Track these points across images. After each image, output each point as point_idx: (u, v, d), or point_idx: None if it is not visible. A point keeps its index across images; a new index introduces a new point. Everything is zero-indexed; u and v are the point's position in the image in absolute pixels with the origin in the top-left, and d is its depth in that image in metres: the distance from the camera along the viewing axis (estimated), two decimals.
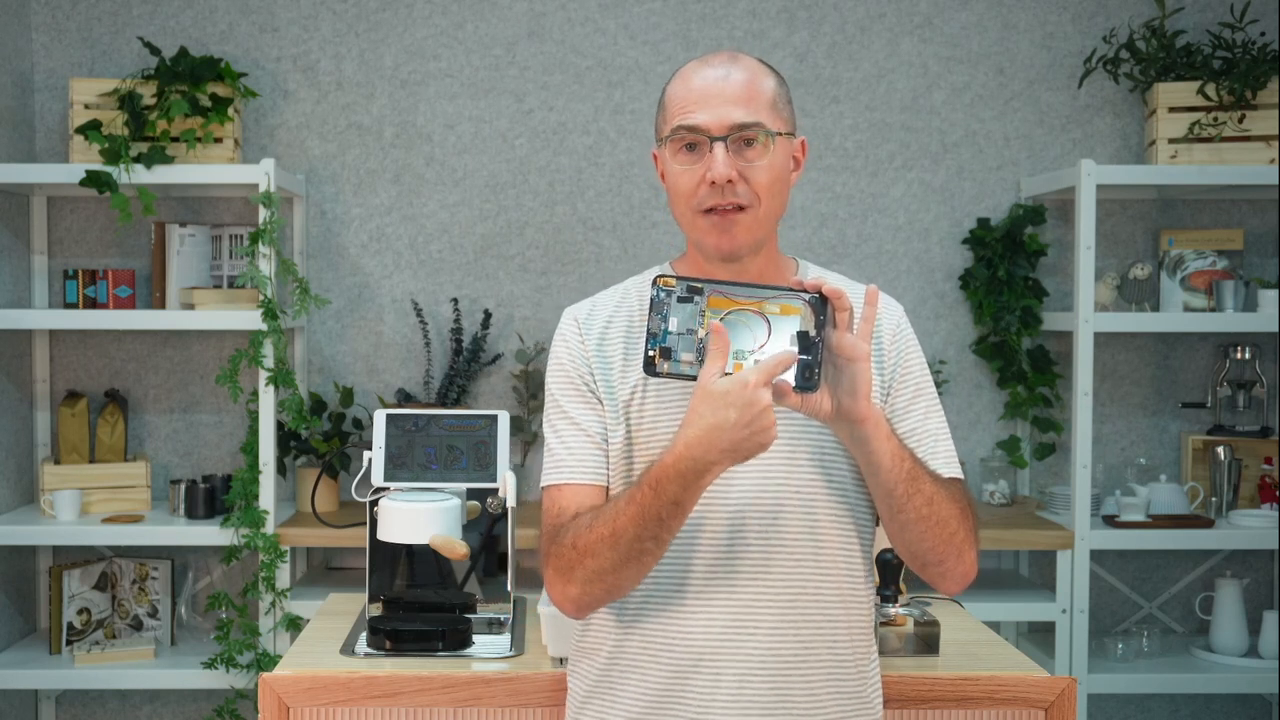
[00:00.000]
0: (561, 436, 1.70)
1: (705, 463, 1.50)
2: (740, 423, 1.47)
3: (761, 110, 1.63)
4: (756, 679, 1.62)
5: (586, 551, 1.59)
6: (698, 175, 1.63)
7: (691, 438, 1.49)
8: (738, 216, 1.63)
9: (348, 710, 2.03)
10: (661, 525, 1.54)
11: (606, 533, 1.57)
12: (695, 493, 1.52)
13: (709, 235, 1.65)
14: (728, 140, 1.61)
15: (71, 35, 3.64)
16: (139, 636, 3.48)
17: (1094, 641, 3.49)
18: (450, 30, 3.68)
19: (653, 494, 1.53)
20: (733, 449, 1.49)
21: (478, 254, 3.69)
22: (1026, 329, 3.58)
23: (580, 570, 1.60)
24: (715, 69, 1.65)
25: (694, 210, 1.64)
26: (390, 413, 2.31)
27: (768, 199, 1.64)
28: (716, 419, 1.47)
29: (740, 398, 1.46)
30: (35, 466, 3.59)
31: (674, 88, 1.68)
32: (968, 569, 1.68)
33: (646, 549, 1.56)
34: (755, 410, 1.46)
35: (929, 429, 1.71)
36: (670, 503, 1.52)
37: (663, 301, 1.54)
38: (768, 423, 1.47)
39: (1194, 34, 3.62)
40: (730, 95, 1.62)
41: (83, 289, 3.43)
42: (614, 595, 1.63)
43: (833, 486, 1.66)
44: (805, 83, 3.67)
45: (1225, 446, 3.53)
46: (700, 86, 1.64)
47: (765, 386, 1.47)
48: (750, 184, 1.62)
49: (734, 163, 1.61)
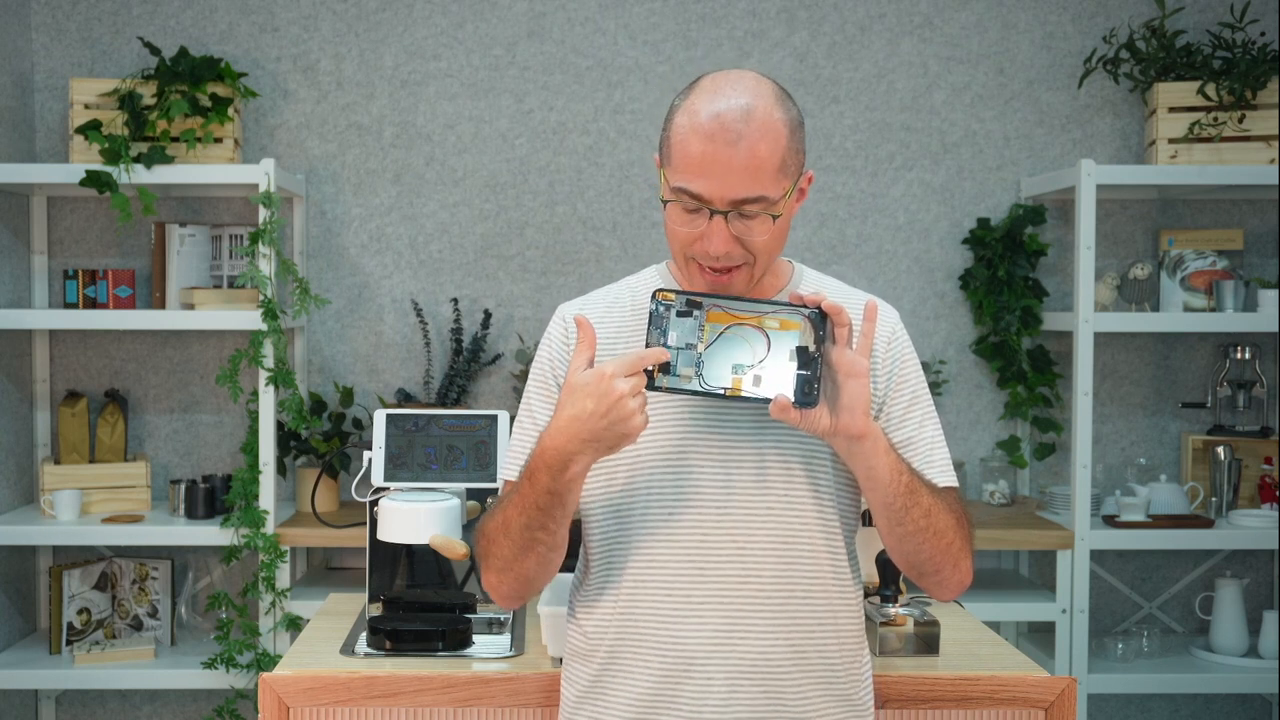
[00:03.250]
0: (522, 433, 1.73)
1: (568, 453, 1.53)
2: (597, 413, 1.50)
3: (766, 181, 1.55)
4: (747, 683, 1.62)
5: (490, 540, 1.66)
6: (694, 234, 1.60)
7: (555, 429, 1.54)
8: (732, 274, 1.61)
9: (348, 710, 2.03)
10: (544, 514, 1.58)
11: (500, 522, 1.64)
12: (565, 483, 1.56)
13: (699, 279, 1.63)
14: (728, 215, 1.57)
15: (71, 35, 3.64)
16: (139, 636, 3.48)
17: (1094, 641, 3.49)
18: (450, 30, 3.68)
19: (529, 484, 1.58)
20: (594, 439, 1.52)
21: (478, 254, 3.69)
22: (1026, 329, 3.58)
23: (491, 559, 1.67)
24: (726, 128, 1.54)
25: (687, 258, 1.63)
26: (390, 413, 2.31)
27: (765, 257, 1.62)
28: (575, 409, 1.52)
29: (597, 388, 1.50)
30: (35, 466, 3.59)
31: (682, 127, 1.58)
32: (963, 577, 1.69)
33: (536, 538, 1.61)
34: (610, 400, 1.49)
35: (924, 437, 1.70)
36: (544, 492, 1.57)
37: (662, 316, 1.54)
38: (625, 413, 1.50)
39: (1194, 34, 3.62)
40: (736, 166, 1.54)
41: (83, 289, 3.43)
42: (529, 586, 1.68)
43: (819, 489, 1.66)
44: (805, 83, 3.67)
45: (1225, 446, 3.53)
46: (708, 152, 1.54)
47: (624, 378, 1.50)
48: (747, 247, 1.59)
49: (734, 228, 1.57)
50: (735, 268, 1.61)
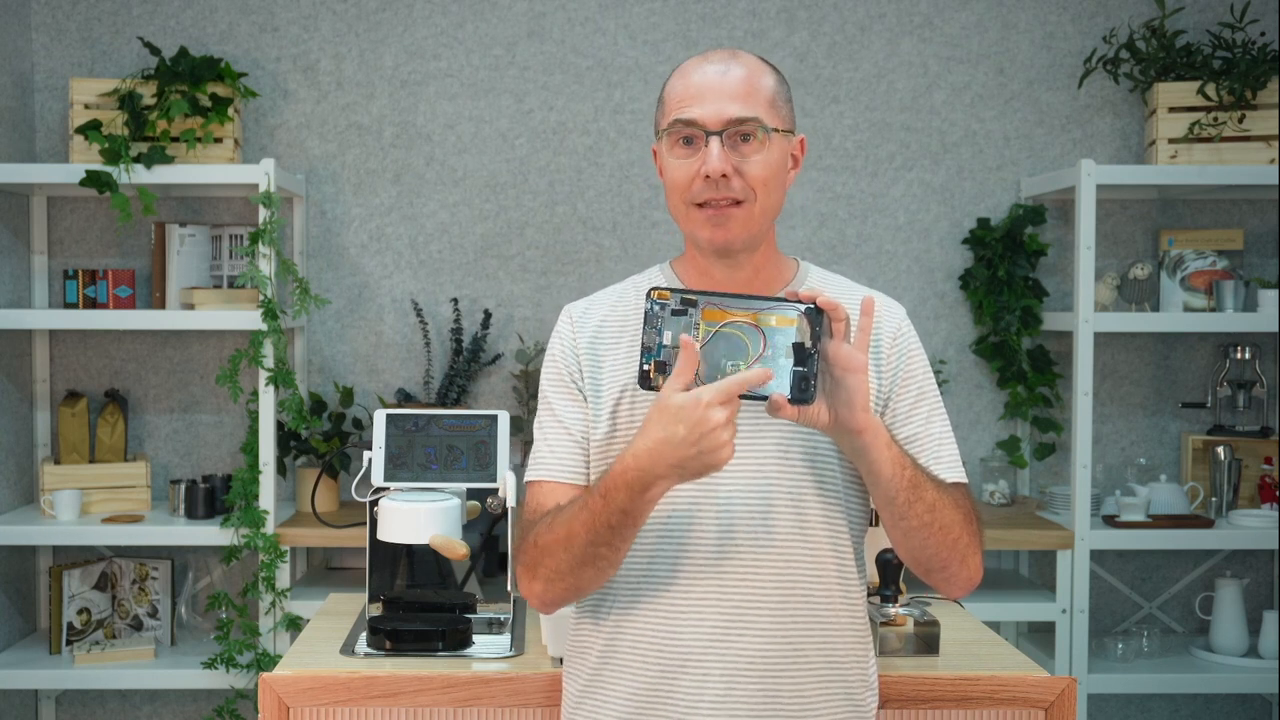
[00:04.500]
0: (546, 433, 1.72)
1: (652, 475, 1.50)
2: (688, 440, 1.46)
3: (759, 106, 1.63)
4: (745, 680, 1.62)
5: (546, 551, 1.61)
6: (693, 169, 1.63)
7: (640, 449, 1.50)
8: (732, 211, 1.63)
9: (348, 710, 2.03)
10: (613, 532, 1.55)
11: (562, 535, 1.59)
12: (643, 504, 1.53)
13: (703, 229, 1.64)
14: (724, 135, 1.61)
15: (71, 35, 3.64)
16: (139, 636, 3.48)
17: (1094, 641, 3.49)
18: (450, 30, 3.68)
19: (603, 502, 1.54)
20: (680, 465, 1.48)
21: (478, 254, 3.69)
22: (1026, 329, 3.58)
23: (542, 569, 1.63)
24: (714, 64, 1.65)
25: (688, 203, 1.65)
26: (390, 413, 2.31)
27: (763, 194, 1.63)
28: (666, 433, 1.47)
29: (691, 415, 1.45)
30: (35, 466, 3.59)
31: (673, 83, 1.68)
32: (972, 574, 1.68)
33: (600, 554, 1.58)
34: (705, 429, 1.45)
35: (932, 433, 1.70)
36: (619, 511, 1.53)
37: (657, 315, 1.53)
38: (718, 443, 1.46)
39: (1194, 34, 3.62)
40: (728, 90, 1.62)
41: (83, 289, 3.43)
42: (578, 594, 1.66)
43: (825, 487, 1.65)
44: (805, 83, 3.67)
45: (1225, 446, 3.53)
46: (698, 81, 1.64)
47: (720, 405, 1.45)
48: (745, 179, 1.62)
49: (729, 157, 1.61)
50: (736, 204, 1.62)
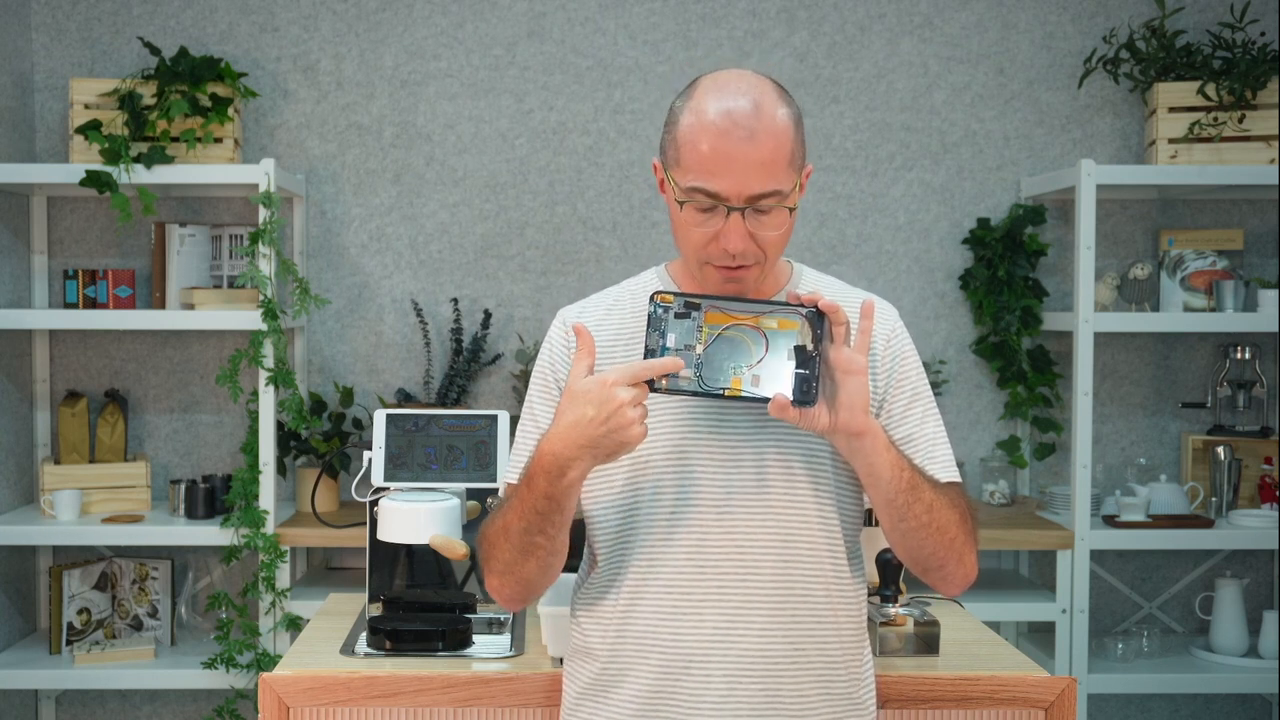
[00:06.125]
0: (524, 437, 1.74)
1: (565, 459, 1.54)
2: (596, 419, 1.51)
3: (780, 174, 1.57)
4: (746, 680, 1.62)
5: (493, 544, 1.67)
6: (709, 233, 1.60)
7: (554, 434, 1.55)
8: (745, 272, 1.62)
9: (348, 710, 2.03)
10: (542, 519, 1.59)
11: (500, 526, 1.65)
12: (563, 488, 1.56)
13: (713, 280, 1.64)
14: (745, 212, 1.58)
15: (71, 35, 3.64)
16: (139, 636, 3.48)
17: (1094, 641, 3.49)
18: (450, 30, 3.68)
19: (527, 489, 1.59)
20: (591, 445, 1.52)
21: (478, 254, 3.69)
22: (1026, 329, 3.58)
23: (494, 562, 1.68)
24: (738, 123, 1.55)
25: (701, 261, 1.63)
26: (390, 413, 2.31)
27: (775, 253, 1.64)
28: (575, 415, 1.52)
29: (598, 395, 1.51)
30: (35, 466, 3.59)
31: (691, 126, 1.58)
32: (968, 572, 1.69)
33: (536, 543, 1.62)
34: (611, 407, 1.50)
35: (926, 434, 1.71)
36: (542, 497, 1.57)
37: (660, 318, 1.55)
38: (624, 421, 1.50)
39: (1194, 34, 3.62)
40: (754, 161, 1.55)
41: (83, 289, 3.43)
42: (529, 589, 1.69)
43: (821, 487, 1.66)
44: (805, 83, 3.67)
45: (1225, 446, 3.53)
46: (723, 150, 1.55)
47: (625, 386, 1.50)
48: (760, 244, 1.60)
49: (749, 227, 1.58)
50: (748, 266, 1.62)
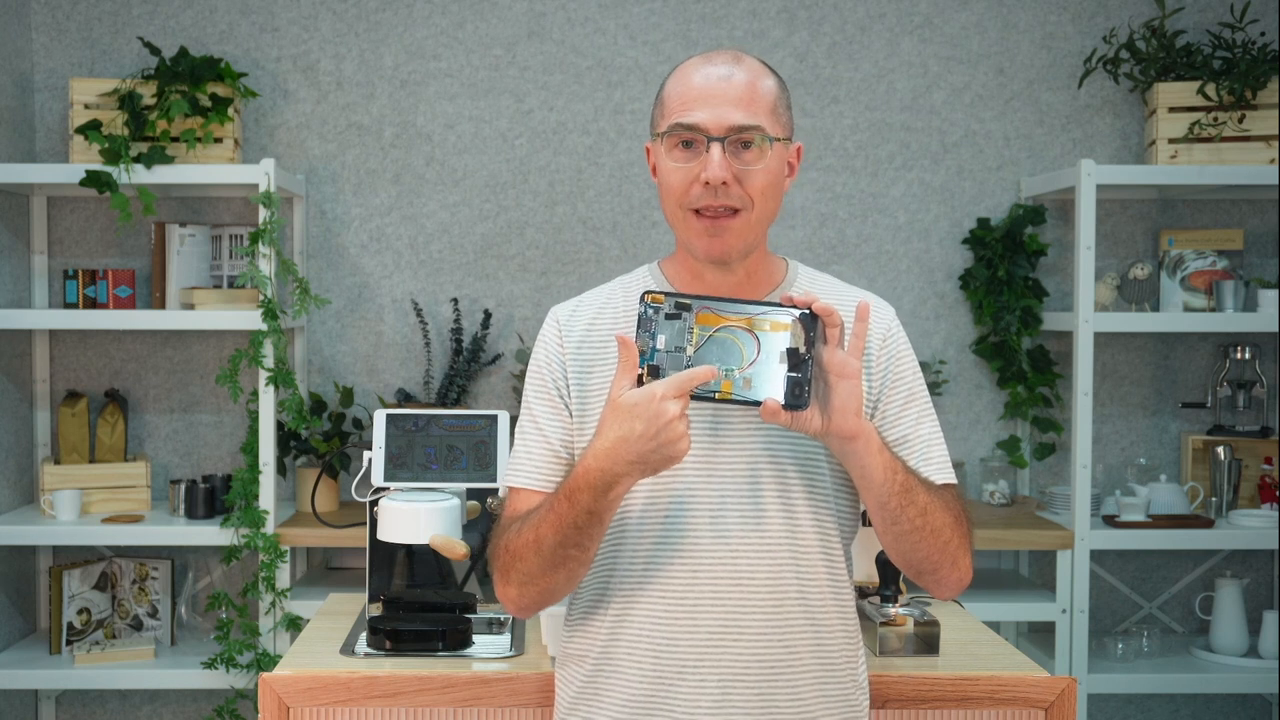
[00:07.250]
0: (525, 439, 1.72)
1: (613, 474, 1.51)
2: (646, 435, 1.47)
3: (762, 113, 1.62)
4: (741, 684, 1.62)
5: (517, 555, 1.62)
6: (692, 174, 1.61)
7: (600, 449, 1.51)
8: (729, 222, 1.62)
9: (348, 710, 2.03)
10: (580, 533, 1.56)
11: (531, 539, 1.60)
12: (607, 503, 1.54)
13: (699, 239, 1.64)
14: (725, 141, 1.60)
15: (71, 35, 3.64)
16: (139, 636, 3.48)
17: (1094, 641, 3.49)
18: (450, 30, 3.68)
19: (568, 504, 1.55)
20: (640, 461, 1.49)
21: (478, 254, 3.69)
22: (1026, 329, 3.58)
23: (514, 573, 1.64)
24: (718, 67, 1.63)
25: (685, 209, 1.63)
26: (390, 413, 2.31)
27: (761, 203, 1.63)
28: (623, 431, 1.48)
29: (647, 410, 1.47)
30: (35, 466, 3.59)
31: (674, 83, 1.66)
32: (962, 575, 1.67)
33: (570, 555, 1.59)
34: (661, 422, 1.46)
35: (921, 435, 1.70)
36: (584, 512, 1.54)
37: (650, 318, 1.53)
38: (674, 435, 1.47)
39: (1194, 34, 3.62)
40: (732, 96, 1.60)
41: (83, 289, 3.43)
42: (551, 597, 1.66)
43: (815, 490, 1.65)
44: (805, 83, 3.67)
45: (1225, 446, 3.53)
46: (701, 85, 1.62)
47: (674, 399, 1.47)
48: (745, 187, 1.61)
49: (730, 165, 1.60)
50: (733, 213, 1.61)
